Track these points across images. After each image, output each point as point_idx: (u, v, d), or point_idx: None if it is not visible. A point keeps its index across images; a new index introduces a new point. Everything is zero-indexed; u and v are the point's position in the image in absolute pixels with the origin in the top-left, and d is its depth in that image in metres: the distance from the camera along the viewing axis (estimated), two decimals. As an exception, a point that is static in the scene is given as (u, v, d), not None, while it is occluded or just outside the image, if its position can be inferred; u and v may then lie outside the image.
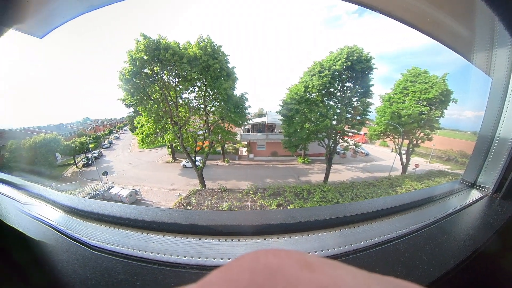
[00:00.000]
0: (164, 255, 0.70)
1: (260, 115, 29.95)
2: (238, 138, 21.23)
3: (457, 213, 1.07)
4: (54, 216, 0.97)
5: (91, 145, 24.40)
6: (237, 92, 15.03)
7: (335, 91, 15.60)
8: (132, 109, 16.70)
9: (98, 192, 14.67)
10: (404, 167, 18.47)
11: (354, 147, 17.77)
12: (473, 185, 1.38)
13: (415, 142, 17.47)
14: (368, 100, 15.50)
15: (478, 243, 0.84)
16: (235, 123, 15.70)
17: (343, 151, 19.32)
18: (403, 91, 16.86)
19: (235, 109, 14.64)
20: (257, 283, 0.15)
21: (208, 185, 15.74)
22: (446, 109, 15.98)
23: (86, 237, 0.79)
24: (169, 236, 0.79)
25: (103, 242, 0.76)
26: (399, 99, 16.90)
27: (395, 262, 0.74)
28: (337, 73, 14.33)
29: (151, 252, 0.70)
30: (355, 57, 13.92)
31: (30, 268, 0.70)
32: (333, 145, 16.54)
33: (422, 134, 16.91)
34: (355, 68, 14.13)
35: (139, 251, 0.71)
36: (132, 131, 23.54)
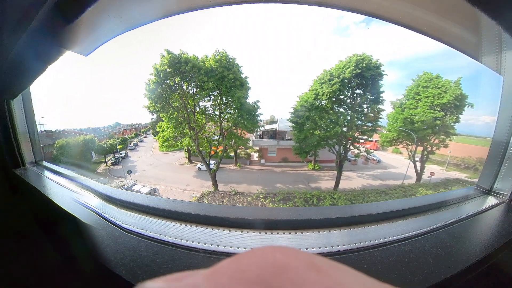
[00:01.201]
0: (181, 240, 0.75)
1: (272, 122, 29.95)
2: (250, 144, 21.34)
3: (469, 218, 1.01)
4: (95, 202, 1.10)
5: (119, 146, 26.43)
6: (250, 100, 15.30)
7: (345, 98, 15.25)
8: (155, 116, 17.73)
9: (123, 188, 15.47)
10: (419, 175, 17.22)
11: (365, 154, 17.05)
12: (489, 192, 1.29)
13: (429, 149, 16.25)
14: (379, 106, 14.94)
15: (491, 249, 0.79)
16: (247, 130, 15.91)
17: (354, 158, 18.57)
18: (415, 97, 15.99)
19: (247, 116, 14.89)
20: (263, 279, 0.15)
21: (221, 187, 15.88)
22: (462, 114, 14.88)
23: (117, 220, 0.90)
24: (185, 225, 0.84)
25: (130, 225, 0.85)
26: (411, 105, 16.02)
27: (399, 262, 0.72)
28: (346, 81, 14.07)
29: (170, 237, 0.77)
30: (364, 65, 13.61)
31: (77, 242, 0.84)
32: (343, 151, 16.02)
33: (437, 141, 15.74)
34: (364, 75, 13.78)
35: (160, 235, 0.78)
36: (154, 135, 24.77)
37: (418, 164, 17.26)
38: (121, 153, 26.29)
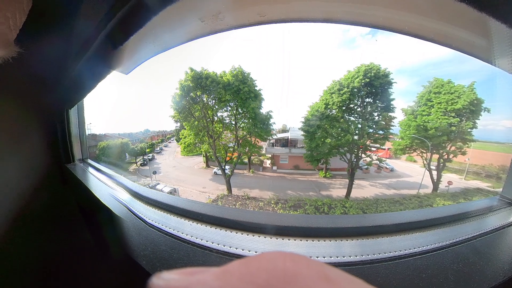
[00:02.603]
0: (196, 238, 0.76)
1: (284, 130, 29.73)
2: (263, 151, 21.31)
3: (493, 232, 0.89)
4: (125, 197, 1.17)
5: (147, 150, 28.48)
6: (263, 110, 15.53)
7: (356, 107, 14.67)
8: (178, 124, 18.79)
9: (148, 186, 16.19)
10: (435, 184, 15.53)
11: (378, 162, 16.02)
12: (515, 204, 1.13)
13: (446, 156, 14.66)
14: (390, 114, 14.15)
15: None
16: (261, 138, 16.04)
17: (366, 166, 17.47)
18: (427, 103, 14.80)
19: (261, 125, 15.09)
20: (271, 285, 0.15)
21: (234, 191, 15.87)
22: (479, 119, 13.40)
23: (142, 215, 0.94)
24: (201, 224, 0.85)
25: (152, 220, 0.89)
26: (423, 112, 14.81)
27: (416, 277, 0.65)
28: (356, 90, 13.61)
29: (186, 234, 0.78)
30: (372, 74, 13.11)
31: (108, 231, 0.91)
32: (355, 160, 15.23)
33: (453, 148, 14.22)
34: (373, 84, 13.23)
35: (178, 232, 0.80)
36: (177, 141, 26.11)
37: (434, 172, 15.64)
38: (149, 156, 28.22)
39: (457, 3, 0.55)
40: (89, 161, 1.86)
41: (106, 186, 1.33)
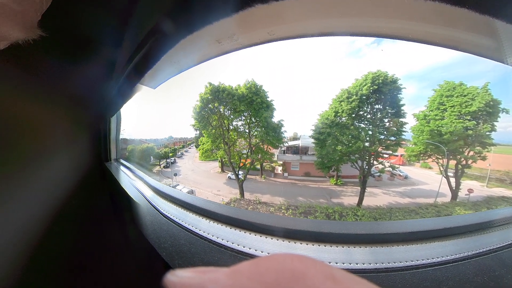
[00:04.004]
0: (213, 236, 0.76)
1: (295, 138, 29.31)
2: (275, 158, 21.15)
3: (523, 245, 0.77)
4: (149, 193, 1.25)
5: (170, 154, 30.74)
6: (275, 119, 15.69)
7: (365, 114, 13.99)
8: (198, 132, 19.70)
9: (169, 186, 16.98)
10: (454, 192, 13.73)
11: (391, 169, 14.85)
12: (549, 214, 0.97)
13: (464, 162, 12.98)
14: (401, 120, 13.27)
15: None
16: (272, 145, 16.10)
17: (378, 174, 16.21)
18: (439, 107, 13.53)
19: (273, 133, 15.22)
20: (279, 284, 0.15)
21: (246, 196, 15.77)
22: (497, 121, 11.83)
23: (162, 209, 0.97)
24: (216, 223, 0.86)
25: (171, 215, 0.92)
26: (436, 116, 13.52)
27: (435, 288, 0.58)
28: (365, 97, 13.06)
29: (203, 232, 0.79)
30: (380, 81, 12.52)
31: (135, 223, 0.95)
32: (367, 167, 14.34)
33: (472, 153, 12.60)
34: (382, 91, 12.59)
35: (196, 228, 0.81)
36: (196, 147, 27.17)
37: (452, 180, 13.85)
38: (171, 160, 29.94)
39: (457, 8, 0.53)
40: (121, 161, 2.05)
41: (134, 182, 1.45)
